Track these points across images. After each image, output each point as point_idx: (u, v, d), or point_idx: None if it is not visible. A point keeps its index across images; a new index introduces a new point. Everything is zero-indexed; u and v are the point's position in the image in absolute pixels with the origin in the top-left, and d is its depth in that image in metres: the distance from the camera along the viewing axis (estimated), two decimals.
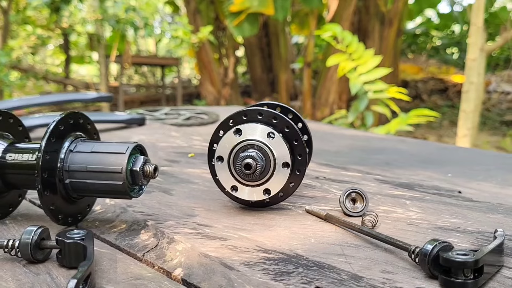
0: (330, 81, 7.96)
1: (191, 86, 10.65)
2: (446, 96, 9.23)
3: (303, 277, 0.53)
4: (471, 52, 3.99)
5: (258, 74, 10.11)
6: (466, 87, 4.08)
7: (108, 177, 0.66)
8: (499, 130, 7.67)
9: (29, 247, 0.56)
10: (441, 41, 11.63)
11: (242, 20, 7.64)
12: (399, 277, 0.53)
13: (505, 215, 0.75)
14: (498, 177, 1.10)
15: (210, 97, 8.82)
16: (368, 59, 4.12)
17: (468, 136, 4.22)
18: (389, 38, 7.98)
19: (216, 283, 0.53)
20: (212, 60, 8.90)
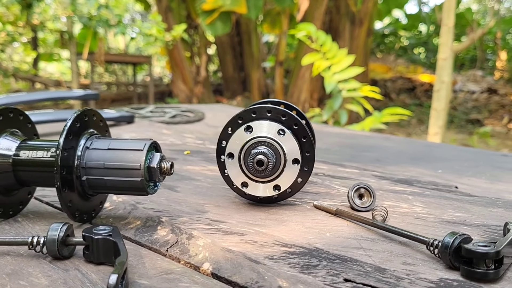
0: (302, 80, 8.03)
1: (163, 84, 10.56)
2: (414, 95, 9.43)
3: (329, 270, 0.55)
4: (442, 52, 4.10)
5: (229, 73, 10.12)
6: (437, 86, 4.19)
7: (126, 173, 0.67)
8: (465, 128, 7.89)
9: (56, 243, 0.57)
10: (409, 41, 11.88)
11: (215, 19, 7.63)
12: (420, 268, 0.55)
13: (505, 209, 0.79)
14: (486, 173, 1.15)
15: (182, 95, 8.77)
16: (342, 59, 4.18)
17: (439, 134, 4.34)
18: (359, 37, 8.10)
19: (247, 276, 0.54)
20: (184, 58, 8.85)
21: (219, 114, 2.02)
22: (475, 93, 8.82)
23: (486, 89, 8.78)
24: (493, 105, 8.38)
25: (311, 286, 0.51)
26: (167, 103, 8.40)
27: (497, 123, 7.81)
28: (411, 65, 10.37)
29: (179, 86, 8.83)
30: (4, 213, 0.73)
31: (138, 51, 11.91)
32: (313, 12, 7.69)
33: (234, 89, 10.05)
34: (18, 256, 0.59)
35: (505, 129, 7.46)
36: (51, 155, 0.69)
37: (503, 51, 9.78)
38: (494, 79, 9.41)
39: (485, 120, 7.97)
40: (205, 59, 9.31)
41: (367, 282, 0.52)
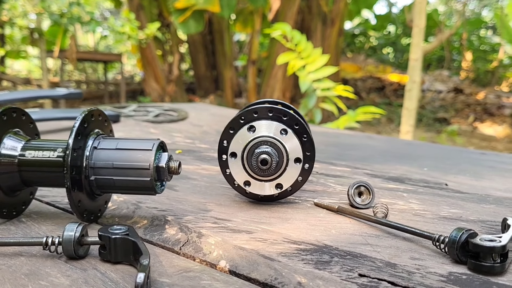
0: (274, 79, 8.08)
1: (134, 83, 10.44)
2: (383, 94, 9.61)
3: (342, 266, 0.57)
4: (413, 52, 4.19)
5: (202, 71, 10.09)
6: (409, 86, 4.29)
7: (135, 173, 0.68)
8: (433, 126, 8.09)
9: (72, 243, 0.57)
10: (378, 41, 12.08)
11: (187, 17, 7.60)
12: (428, 263, 0.58)
13: (497, 205, 0.83)
14: (469, 170, 1.19)
15: (155, 93, 8.69)
16: (316, 58, 4.23)
17: (410, 132, 4.44)
18: (331, 37, 8.20)
19: (265, 273, 0.56)
20: (156, 56, 8.78)
21: (202, 113, 2.02)
22: (442, 92, 9.04)
23: (452, 89, 9.01)
24: (459, 104, 8.61)
25: (329, 281, 0.53)
26: (140, 101, 8.32)
27: (463, 121, 8.03)
28: (380, 64, 10.56)
29: (151, 85, 8.75)
30: (8, 214, 0.72)
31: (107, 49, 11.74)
32: (286, 12, 7.75)
33: (206, 87, 10.03)
34: (32, 256, 0.59)
35: (470, 128, 7.68)
36: (57, 155, 0.69)
37: (468, 51, 10.06)
38: (460, 79, 9.67)
39: (451, 119, 8.19)
40: (177, 58, 9.24)
41: (381, 276, 0.54)
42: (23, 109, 0.75)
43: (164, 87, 8.74)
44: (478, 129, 7.60)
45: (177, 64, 9.17)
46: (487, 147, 6.58)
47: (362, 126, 8.08)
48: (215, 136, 1.53)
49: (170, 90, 8.78)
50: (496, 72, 9.35)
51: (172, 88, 8.84)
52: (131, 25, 6.12)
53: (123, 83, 8.41)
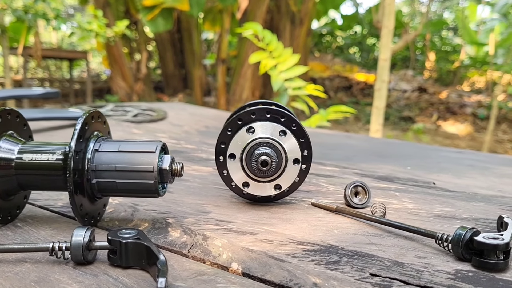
0: (244, 78, 8.08)
1: (101, 81, 10.25)
2: (350, 93, 9.75)
3: (353, 265, 0.58)
4: (383, 52, 4.27)
5: (170, 70, 10.00)
6: (378, 85, 4.36)
7: (139, 176, 0.67)
8: (398, 125, 8.26)
9: (81, 248, 0.56)
10: (344, 41, 12.24)
11: (156, 15, 7.52)
12: (434, 261, 0.60)
13: (486, 203, 0.86)
14: (451, 169, 1.23)
15: (122, 92, 8.56)
16: (287, 58, 4.26)
17: (380, 130, 4.53)
18: (299, 37, 8.27)
19: (279, 275, 0.56)
20: (123, 54, 8.64)
21: (180, 113, 2.01)
22: (407, 91, 9.24)
23: (416, 88, 9.22)
24: (423, 103, 8.82)
25: (343, 281, 0.54)
26: (107, 100, 8.18)
27: (427, 120, 8.23)
28: (347, 64, 10.71)
29: (119, 83, 8.61)
30: (3, 219, 0.70)
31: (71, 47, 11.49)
32: (255, 11, 7.76)
33: (175, 86, 9.95)
34: (37, 263, 0.58)
35: (434, 126, 7.88)
36: (57, 158, 0.67)
37: (432, 52, 10.31)
38: (424, 78, 9.91)
39: (416, 117, 8.38)
40: (145, 56, 9.13)
41: (392, 275, 0.55)
42: (17, 110, 0.73)
43: (132, 86, 8.61)
44: (441, 127, 7.80)
45: (145, 62, 9.06)
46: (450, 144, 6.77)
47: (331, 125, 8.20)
48: (198, 136, 1.53)
49: (138, 88, 8.66)
50: (458, 72, 9.62)
51: (140, 87, 8.72)
52: (99, 23, 6.00)
53: (89, 81, 8.25)
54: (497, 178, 1.12)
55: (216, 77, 8.88)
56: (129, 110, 1.90)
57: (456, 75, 9.62)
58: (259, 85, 8.40)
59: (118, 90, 8.56)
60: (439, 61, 10.12)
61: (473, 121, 7.52)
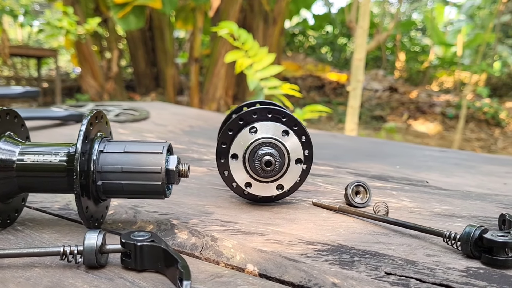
0: (217, 77, 8.05)
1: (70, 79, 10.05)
2: (323, 92, 9.83)
3: (367, 265, 0.58)
4: (358, 52, 4.32)
5: (141, 68, 9.88)
6: (353, 85, 4.41)
7: (146, 177, 0.66)
8: (370, 124, 8.38)
9: (95, 252, 0.55)
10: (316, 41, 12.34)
11: (127, 13, 7.41)
12: (444, 259, 0.60)
13: (481, 201, 0.88)
14: (438, 168, 1.25)
15: (92, 91, 8.42)
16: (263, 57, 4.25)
17: (355, 130, 4.58)
18: (273, 36, 8.29)
19: (297, 275, 0.56)
20: (93, 52, 8.49)
21: (162, 112, 1.99)
22: (378, 91, 9.39)
23: (387, 88, 9.37)
24: (394, 103, 8.97)
25: (361, 281, 0.54)
26: (77, 99, 8.02)
27: (398, 119, 8.37)
28: (319, 63, 10.79)
29: (89, 82, 8.46)
30: (3, 222, 0.68)
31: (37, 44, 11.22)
32: (228, 10, 7.74)
33: (146, 85, 9.83)
34: (47, 267, 0.56)
35: (405, 125, 8.03)
36: (60, 159, 0.66)
37: (402, 52, 10.50)
38: (394, 78, 10.08)
39: (387, 117, 8.51)
40: (116, 54, 8.98)
41: (407, 274, 0.56)
42: (15, 110, 0.71)
43: (103, 84, 8.48)
44: (412, 126, 7.95)
45: (116, 60, 8.92)
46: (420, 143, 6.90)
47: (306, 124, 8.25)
48: (185, 136, 1.51)
49: (109, 87, 8.53)
50: (427, 72, 9.82)
51: (111, 86, 8.59)
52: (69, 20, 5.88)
53: (58, 80, 8.06)
54: (485, 177, 1.15)
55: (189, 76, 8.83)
56: (111, 109, 1.87)
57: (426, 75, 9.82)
58: (232, 84, 8.39)
59: (88, 89, 8.40)
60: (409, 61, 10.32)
61: (442, 120, 7.69)
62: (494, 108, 7.16)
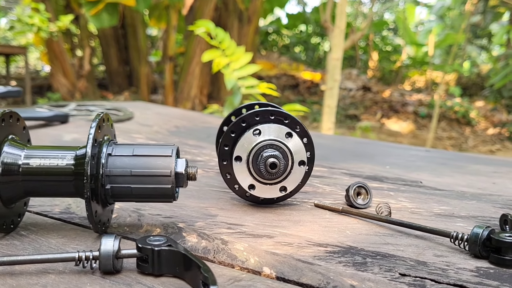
0: (192, 76, 8.01)
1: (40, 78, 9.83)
2: (297, 91, 9.89)
3: (380, 266, 0.59)
4: (335, 52, 4.36)
5: (114, 67, 9.74)
6: (330, 84, 4.46)
7: (156, 180, 0.65)
8: (345, 123, 8.47)
9: (111, 257, 0.54)
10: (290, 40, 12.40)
11: (100, 10, 7.30)
12: (453, 259, 0.62)
13: (477, 201, 0.90)
14: (426, 167, 1.28)
15: (64, 89, 8.26)
16: (240, 56, 4.26)
17: (332, 129, 4.63)
18: (248, 35, 8.29)
19: (314, 278, 0.56)
20: (64, 50, 8.33)
21: (146, 112, 1.97)
22: (352, 90, 9.50)
23: (361, 87, 9.50)
24: (368, 102, 9.09)
25: (378, 283, 0.55)
26: (49, 98, 7.86)
27: (371, 118, 8.49)
28: (293, 63, 10.85)
29: (60, 80, 8.30)
30: (7, 227, 0.66)
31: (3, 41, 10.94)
32: (203, 8, 7.71)
33: (119, 83, 9.70)
34: (61, 273, 0.55)
35: (378, 124, 8.15)
36: (67, 163, 0.64)
37: (375, 52, 10.65)
38: (368, 77, 10.21)
39: (361, 116, 8.63)
40: (88, 52, 8.84)
41: (421, 275, 0.57)
42: (18, 113, 0.69)
43: (74, 83, 8.33)
44: (385, 125, 8.08)
45: (88, 58, 8.78)
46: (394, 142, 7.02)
47: None
48: (171, 137, 1.50)
49: (81, 86, 8.39)
50: (399, 71, 9.99)
51: (83, 84, 8.46)
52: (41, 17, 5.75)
53: (28, 78, 7.89)
54: (473, 176, 1.18)
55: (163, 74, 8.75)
56: (93, 109, 1.84)
57: (398, 74, 9.99)
58: (207, 83, 8.36)
59: (59, 88, 8.24)
60: (382, 60, 10.48)
61: (414, 119, 7.83)
62: (465, 107, 7.33)
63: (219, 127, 0.97)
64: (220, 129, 0.96)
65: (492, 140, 6.59)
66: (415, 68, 10.01)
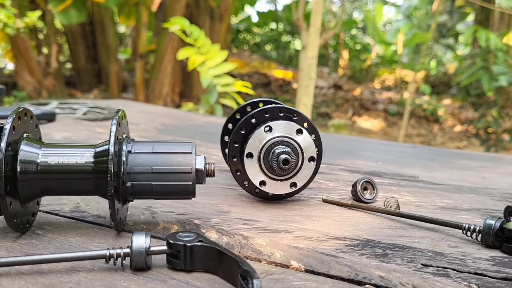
0: (164, 74, 7.93)
1: (4, 75, 9.56)
2: (269, 89, 9.92)
3: (401, 257, 0.61)
4: (310, 50, 4.40)
5: (82, 64, 9.55)
6: (306, 82, 4.49)
7: (176, 177, 0.65)
8: (317, 121, 8.54)
9: (144, 254, 0.54)
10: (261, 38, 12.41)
11: (68, 6, 7.15)
12: (468, 249, 0.64)
13: (476, 194, 0.93)
14: (416, 163, 1.31)
15: (29, 87, 8.05)
16: (216, 54, 4.26)
17: None
18: (220, 33, 8.26)
19: (343, 270, 0.58)
20: (30, 47, 8.11)
21: (130, 110, 1.94)
22: (323, 88, 9.59)
23: (332, 85, 9.60)
24: (339, 100, 9.20)
25: (404, 273, 0.56)
26: (15, 96, 7.64)
27: (343, 116, 8.60)
28: (265, 61, 10.87)
29: (25, 78, 8.08)
30: (23, 227, 0.65)
31: None
32: (174, 6, 7.64)
33: (87, 81, 9.52)
34: (91, 271, 0.55)
35: (350, 122, 8.26)
36: (86, 161, 0.64)
37: (345, 50, 10.77)
38: (338, 76, 10.33)
39: (333, 114, 8.72)
40: (55, 49, 8.64)
41: (442, 265, 0.59)
42: (31, 110, 0.68)
43: (41, 81, 8.13)
44: (356, 123, 8.19)
45: (56, 56, 8.58)
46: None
47: None
48: (159, 134, 1.49)
49: (48, 84, 8.20)
50: (369, 70, 10.14)
51: (50, 82, 8.27)
52: (7, 12, 5.59)
53: None
54: (463, 171, 1.22)
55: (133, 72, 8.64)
56: (77, 107, 1.81)
57: (368, 73, 10.14)
58: (179, 81, 8.29)
59: (25, 85, 8.03)
60: (352, 59, 10.60)
61: (385, 117, 7.97)
62: (433, 105, 7.51)
63: (224, 124, 0.97)
64: (224, 127, 0.97)
65: (459, 137, 6.78)
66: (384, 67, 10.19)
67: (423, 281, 0.55)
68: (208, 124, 1.81)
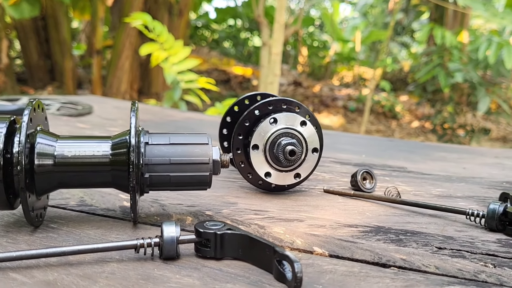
0: (121, 70, 7.78)
1: None
2: (229, 86, 9.91)
3: (416, 242, 0.64)
4: (275, 46, 4.44)
5: (34, 60, 9.23)
6: (270, 79, 4.53)
7: (194, 168, 0.66)
8: None
9: (175, 243, 0.54)
10: (219, 35, 12.38)
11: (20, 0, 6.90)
12: (474, 233, 0.68)
13: (465, 183, 0.98)
14: (398, 156, 1.35)
15: None
16: (179, 50, 4.23)
17: None
18: (179, 29, 8.17)
19: (365, 254, 0.60)
20: None
21: (104, 106, 1.91)
22: (284, 85, 9.67)
23: (292, 82, 9.70)
24: (299, 97, 9.29)
25: (423, 256, 0.59)
26: None
27: None
28: (224, 57, 10.86)
29: None
30: (37, 220, 0.64)
31: None
32: (131, 0, 7.50)
33: (40, 78, 9.21)
34: (121, 261, 0.55)
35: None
36: (103, 153, 0.63)
37: (304, 47, 10.90)
38: (298, 72, 10.44)
39: None
40: (6, 44, 8.31)
41: (455, 247, 0.62)
42: (42, 102, 0.67)
43: None
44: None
45: (6, 51, 8.27)
46: None
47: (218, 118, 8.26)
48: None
49: None
50: (328, 67, 10.30)
51: (0, 78, 7.96)
52: None
53: None
54: (443, 162, 1.27)
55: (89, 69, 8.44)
56: (49, 103, 1.76)
57: (327, 69, 10.30)
58: (137, 78, 8.16)
59: None
60: (311, 56, 10.74)
61: (344, 113, 8.12)
62: (391, 101, 7.71)
63: (222, 117, 0.97)
64: (223, 119, 0.97)
65: (416, 132, 7.00)
66: (342, 64, 10.37)
67: (443, 262, 0.58)
68: (188, 120, 1.80)
